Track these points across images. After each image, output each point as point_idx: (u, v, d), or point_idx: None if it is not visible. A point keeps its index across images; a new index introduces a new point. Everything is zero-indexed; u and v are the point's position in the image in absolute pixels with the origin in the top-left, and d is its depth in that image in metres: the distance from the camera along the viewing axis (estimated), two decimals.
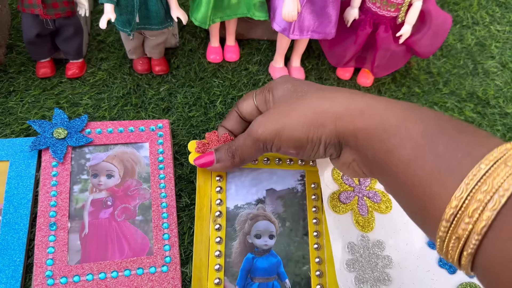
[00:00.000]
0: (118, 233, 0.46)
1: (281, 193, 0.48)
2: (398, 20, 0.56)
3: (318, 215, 0.47)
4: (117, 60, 0.61)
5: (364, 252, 0.47)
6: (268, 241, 0.45)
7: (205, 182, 0.47)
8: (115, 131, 0.52)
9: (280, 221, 0.46)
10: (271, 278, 0.44)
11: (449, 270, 0.49)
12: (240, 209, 0.46)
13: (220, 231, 0.45)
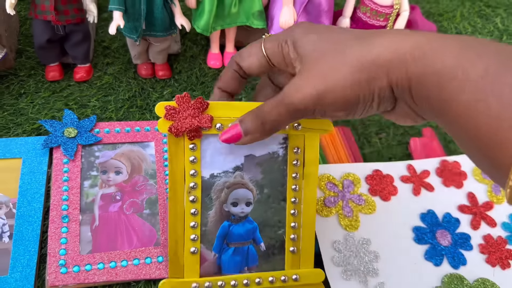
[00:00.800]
0: (127, 225, 0.49)
1: (261, 159, 0.44)
2: (387, 29, 0.61)
3: (298, 182, 0.45)
4: (122, 65, 0.65)
5: (350, 248, 0.51)
6: (245, 208, 0.44)
7: (178, 152, 0.42)
8: (122, 130, 0.55)
9: (258, 188, 0.44)
10: (247, 242, 0.45)
11: (434, 263, 0.52)
12: (217, 177, 0.44)
13: (195, 203, 0.43)
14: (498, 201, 0.58)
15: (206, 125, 0.40)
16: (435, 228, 0.54)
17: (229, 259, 0.45)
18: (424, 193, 0.57)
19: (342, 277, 0.49)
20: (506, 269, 0.52)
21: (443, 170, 0.59)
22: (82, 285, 0.44)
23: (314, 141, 0.45)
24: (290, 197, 0.45)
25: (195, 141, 0.42)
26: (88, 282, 0.44)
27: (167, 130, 0.40)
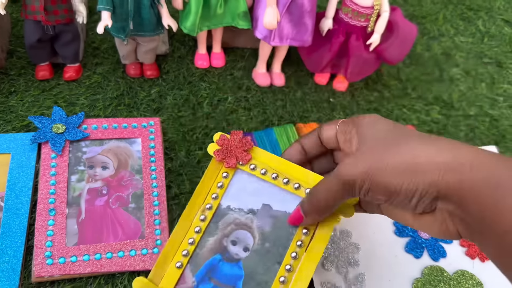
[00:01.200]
0: (112, 219, 0.50)
1: (276, 213, 0.45)
2: (368, 30, 0.62)
3: (300, 251, 0.43)
4: (111, 65, 0.66)
5: (332, 240, 0.52)
6: (241, 253, 0.44)
7: (213, 174, 0.46)
8: (110, 127, 0.57)
9: (262, 238, 0.44)
10: (227, 287, 0.43)
11: (415, 255, 0.53)
12: (231, 211, 0.45)
13: (203, 222, 0.45)
14: None
15: (243, 161, 0.45)
16: None
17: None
18: None
19: (323, 267, 0.50)
20: (486, 261, 0.54)
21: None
22: (67, 276, 0.45)
23: (330, 221, 0.44)
24: (285, 263, 0.43)
25: (229, 171, 0.46)
26: (73, 273, 0.45)
27: (213, 152, 0.45)
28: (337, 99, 0.68)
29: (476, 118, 0.69)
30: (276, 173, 0.45)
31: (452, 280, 0.52)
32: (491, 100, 0.72)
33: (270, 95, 0.67)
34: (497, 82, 0.74)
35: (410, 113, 0.68)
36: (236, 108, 0.64)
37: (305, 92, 0.68)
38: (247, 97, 0.66)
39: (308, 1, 0.58)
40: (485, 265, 0.54)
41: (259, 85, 0.67)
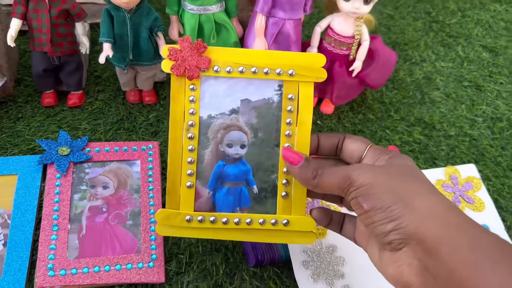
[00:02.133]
0: (111, 235, 0.53)
1: (256, 104, 0.47)
2: (350, 57, 0.67)
3: (291, 128, 0.46)
4: (112, 92, 0.71)
5: (318, 253, 0.55)
6: (239, 151, 0.46)
7: (179, 90, 0.46)
8: (111, 150, 0.61)
9: (253, 131, 0.47)
10: (240, 183, 0.47)
11: None
12: (214, 118, 0.46)
13: (193, 139, 0.46)
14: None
15: (204, 66, 0.44)
16: None
17: (223, 197, 0.47)
18: None
19: (310, 280, 0.53)
20: None
21: None
22: (67, 287, 0.49)
23: (308, 89, 0.46)
24: (283, 143, 0.46)
25: (194, 82, 0.46)
26: (73, 284, 0.48)
27: (170, 69, 0.45)
28: (324, 122, 0.72)
29: (457, 138, 0.73)
30: (241, 66, 0.46)
31: None
32: (471, 121, 0.76)
33: None
34: (476, 104, 0.79)
35: (392, 134, 0.72)
36: None
37: None
38: None
39: (294, 32, 0.63)
40: None
41: None
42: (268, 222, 0.47)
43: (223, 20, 0.64)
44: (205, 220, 0.46)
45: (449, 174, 0.66)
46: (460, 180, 0.65)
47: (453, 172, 0.66)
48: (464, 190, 0.64)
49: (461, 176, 0.66)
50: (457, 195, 0.64)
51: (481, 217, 0.62)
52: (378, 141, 0.71)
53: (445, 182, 0.65)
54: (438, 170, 0.67)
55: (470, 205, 0.63)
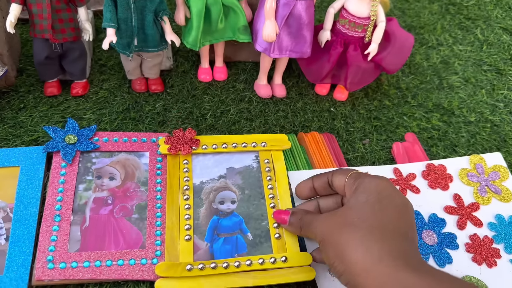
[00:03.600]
0: (115, 228, 0.51)
1: (239, 170, 0.58)
2: (365, 40, 0.64)
3: (272, 182, 0.56)
4: (117, 81, 0.68)
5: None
6: (231, 206, 0.54)
7: (174, 166, 0.56)
8: (120, 140, 0.59)
9: (240, 190, 0.56)
10: (235, 233, 0.52)
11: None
12: (205, 183, 0.56)
13: (188, 200, 0.53)
14: (484, 202, 0.59)
15: (195, 145, 0.57)
16: (421, 228, 0.56)
17: (220, 247, 0.51)
18: (410, 195, 0.59)
19: (329, 275, 0.50)
20: (493, 267, 0.54)
21: (429, 173, 0.61)
22: (67, 281, 0.46)
23: (279, 154, 0.59)
24: (267, 194, 0.56)
25: (187, 158, 0.57)
26: (72, 278, 0.46)
27: (167, 151, 0.56)
28: (338, 109, 0.69)
29: (477, 124, 0.69)
30: (224, 144, 0.58)
31: None
32: (492, 106, 0.72)
33: (271, 106, 0.68)
34: (497, 88, 0.75)
35: (410, 121, 0.68)
36: (239, 119, 0.66)
37: (306, 103, 0.70)
38: (249, 108, 0.67)
39: (306, 14, 0.60)
40: (492, 271, 0.53)
41: (260, 97, 0.69)
42: (267, 261, 0.50)
43: (231, 2, 0.61)
44: (205, 267, 0.48)
45: (474, 163, 0.62)
46: (486, 169, 0.62)
47: (478, 161, 0.62)
48: (491, 180, 0.61)
49: (487, 165, 0.62)
50: (483, 185, 0.60)
51: (509, 208, 0.59)
52: (395, 127, 0.67)
53: (470, 172, 0.61)
54: (463, 159, 0.63)
55: (497, 196, 0.60)
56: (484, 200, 0.59)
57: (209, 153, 0.58)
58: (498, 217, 0.58)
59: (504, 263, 0.54)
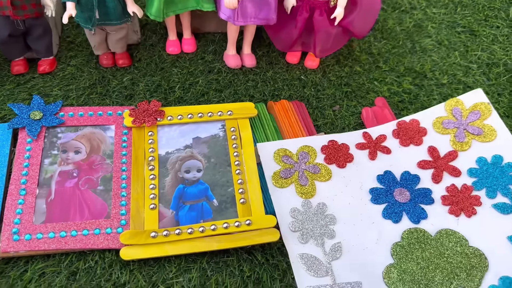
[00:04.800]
0: (80, 200, 0.52)
1: (206, 139, 0.58)
2: (330, 4, 0.63)
3: (238, 150, 0.57)
4: (84, 57, 0.68)
5: (307, 214, 0.53)
6: (196, 174, 0.55)
7: (139, 137, 0.57)
8: (86, 114, 0.59)
9: (206, 158, 0.56)
10: (200, 200, 0.53)
11: (393, 220, 0.53)
12: (171, 154, 0.56)
13: (153, 170, 0.54)
14: (462, 148, 0.57)
15: (160, 116, 0.57)
16: (393, 187, 0.55)
17: (186, 214, 0.51)
18: (380, 157, 0.58)
19: (300, 241, 0.51)
20: (472, 216, 0.53)
21: (400, 131, 0.60)
22: (33, 252, 0.47)
23: (245, 122, 0.59)
24: (233, 162, 0.55)
25: (152, 129, 0.57)
26: (38, 249, 0.47)
27: (131, 123, 0.57)
28: (308, 77, 0.69)
29: (450, 86, 0.69)
30: (190, 114, 0.59)
31: (433, 240, 0.51)
32: (465, 68, 0.71)
33: (241, 76, 0.68)
34: (471, 50, 0.74)
35: (381, 86, 0.68)
36: (208, 91, 0.65)
37: (276, 72, 0.69)
38: (218, 79, 0.67)
39: None
40: (471, 220, 0.53)
41: (230, 67, 0.69)
42: (231, 225, 0.50)
43: None
44: (170, 234, 0.49)
45: (450, 108, 0.59)
46: (463, 111, 0.59)
47: (455, 105, 0.59)
48: (470, 122, 0.58)
49: (465, 106, 0.59)
50: (461, 130, 0.58)
51: (492, 147, 0.56)
52: (365, 93, 0.67)
53: (446, 119, 0.59)
54: (438, 107, 0.61)
55: (478, 137, 0.57)
56: (462, 145, 0.57)
57: (174, 124, 0.58)
58: (479, 160, 0.56)
59: (485, 210, 0.53)
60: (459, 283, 0.48)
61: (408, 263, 0.50)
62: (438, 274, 0.49)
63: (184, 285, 0.48)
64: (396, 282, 0.48)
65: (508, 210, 0.52)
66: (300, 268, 0.48)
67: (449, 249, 0.50)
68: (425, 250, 0.50)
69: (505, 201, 0.53)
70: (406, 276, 0.49)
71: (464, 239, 0.51)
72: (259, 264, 0.51)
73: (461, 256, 0.50)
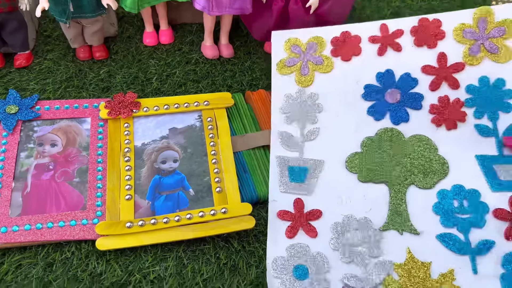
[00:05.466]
0: (56, 192, 0.52)
1: (182, 130, 0.58)
2: None
3: (214, 139, 0.57)
4: (62, 50, 0.68)
5: (298, 100, 0.57)
6: (173, 165, 0.55)
7: (115, 129, 0.57)
8: (62, 108, 0.59)
9: (182, 149, 0.56)
10: (176, 190, 0.53)
11: (375, 118, 0.55)
12: (147, 145, 0.56)
13: (129, 161, 0.54)
14: (472, 62, 0.55)
15: (135, 108, 0.57)
16: (388, 87, 0.55)
17: (162, 204, 0.52)
18: (389, 53, 0.57)
19: (285, 121, 0.56)
20: (452, 130, 0.53)
21: (419, 28, 0.56)
22: (9, 244, 0.47)
23: (222, 111, 0.59)
24: (210, 151, 0.55)
25: (128, 121, 0.57)
26: (14, 241, 0.47)
27: (106, 115, 0.57)
28: None
29: None
30: (166, 105, 0.58)
31: (405, 142, 0.53)
32: None
33: (218, 66, 0.68)
34: None
35: None
36: (185, 81, 0.65)
37: (254, 61, 0.69)
38: (196, 70, 0.67)
39: None
40: (449, 133, 0.53)
41: (207, 58, 0.69)
42: (207, 213, 0.51)
43: None
44: (145, 223, 0.49)
45: (477, 17, 0.55)
46: (490, 24, 0.55)
47: (484, 14, 0.55)
48: (490, 37, 0.54)
49: (495, 19, 0.55)
50: (478, 43, 0.54)
51: (500, 69, 0.54)
52: None
53: (469, 27, 0.55)
54: (466, 12, 0.56)
55: (492, 55, 0.54)
56: (473, 59, 0.55)
57: (151, 115, 0.59)
58: (481, 79, 0.54)
59: (466, 127, 0.53)
60: (413, 180, 0.51)
61: (373, 155, 0.53)
62: (397, 169, 0.52)
63: (161, 274, 0.49)
64: (355, 167, 0.52)
65: (487, 134, 0.52)
66: (277, 140, 0.55)
67: (417, 152, 0.52)
68: (393, 148, 0.53)
69: (488, 125, 0.53)
70: (367, 164, 0.52)
71: (434, 147, 0.52)
72: (235, 251, 0.51)
73: (424, 160, 0.52)
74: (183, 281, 0.49)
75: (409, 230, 0.49)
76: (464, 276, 0.45)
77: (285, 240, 0.49)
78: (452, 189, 0.50)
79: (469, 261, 0.46)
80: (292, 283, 0.46)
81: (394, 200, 0.50)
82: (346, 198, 0.51)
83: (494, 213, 0.48)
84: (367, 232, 0.49)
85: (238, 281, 0.49)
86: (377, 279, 0.46)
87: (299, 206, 0.51)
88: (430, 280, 0.45)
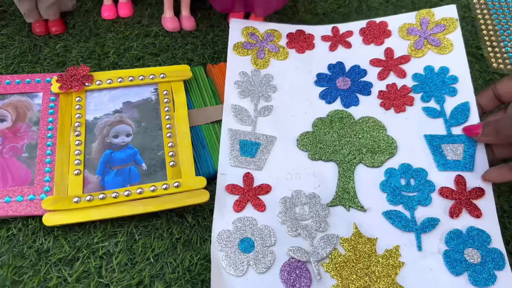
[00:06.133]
0: (3, 167, 0.50)
1: (137, 103, 0.56)
2: None
3: (170, 113, 0.55)
4: (17, 26, 0.66)
5: (253, 78, 0.57)
6: (125, 139, 0.53)
7: (67, 104, 0.55)
8: (13, 83, 0.57)
9: (136, 123, 0.54)
10: (128, 164, 0.52)
11: (327, 101, 0.57)
12: (99, 119, 0.54)
13: (79, 136, 0.53)
14: (417, 54, 0.59)
15: (88, 81, 0.55)
16: (339, 76, 0.58)
17: (112, 179, 0.50)
18: (340, 50, 0.61)
19: (239, 96, 0.56)
20: (400, 112, 0.55)
21: (367, 30, 0.62)
22: None
23: (179, 84, 0.57)
24: (164, 125, 0.55)
25: (80, 94, 0.55)
26: None
27: (58, 89, 0.55)
28: None
29: None
30: (120, 78, 0.56)
31: (354, 123, 0.54)
32: None
33: (179, 39, 0.66)
34: (418, 7, 0.72)
35: None
36: (143, 55, 0.63)
37: (217, 34, 0.67)
38: (155, 43, 0.65)
39: None
40: (398, 115, 0.55)
41: (168, 31, 0.67)
42: (159, 188, 0.49)
43: None
44: (94, 198, 0.48)
45: (420, 18, 0.61)
46: (431, 23, 0.60)
47: (425, 15, 0.61)
48: (432, 33, 0.59)
49: (435, 18, 0.60)
50: (421, 38, 0.59)
51: (444, 59, 0.57)
52: None
53: (412, 26, 0.60)
54: (410, 14, 0.62)
55: (435, 48, 0.58)
56: (418, 52, 0.59)
57: (104, 89, 0.57)
58: (427, 68, 0.58)
59: (414, 110, 0.55)
60: (361, 159, 0.52)
61: (323, 134, 0.54)
62: (346, 148, 0.52)
63: (110, 249, 0.48)
64: (306, 145, 0.53)
65: (434, 115, 0.54)
66: (230, 113, 0.55)
67: (366, 132, 0.53)
68: (343, 128, 0.54)
69: (435, 107, 0.55)
70: (317, 143, 0.53)
71: (383, 127, 0.54)
72: (189, 226, 0.50)
73: (373, 140, 0.53)
74: (133, 256, 0.47)
75: (356, 206, 0.49)
76: (409, 253, 0.45)
77: (232, 213, 0.48)
78: (400, 168, 0.51)
79: (414, 238, 0.46)
80: (237, 256, 0.45)
81: (342, 177, 0.51)
82: (296, 175, 0.51)
83: (440, 191, 0.49)
84: (315, 207, 0.48)
85: (191, 255, 0.48)
86: (323, 253, 0.45)
87: (249, 180, 0.50)
88: (376, 255, 0.45)
